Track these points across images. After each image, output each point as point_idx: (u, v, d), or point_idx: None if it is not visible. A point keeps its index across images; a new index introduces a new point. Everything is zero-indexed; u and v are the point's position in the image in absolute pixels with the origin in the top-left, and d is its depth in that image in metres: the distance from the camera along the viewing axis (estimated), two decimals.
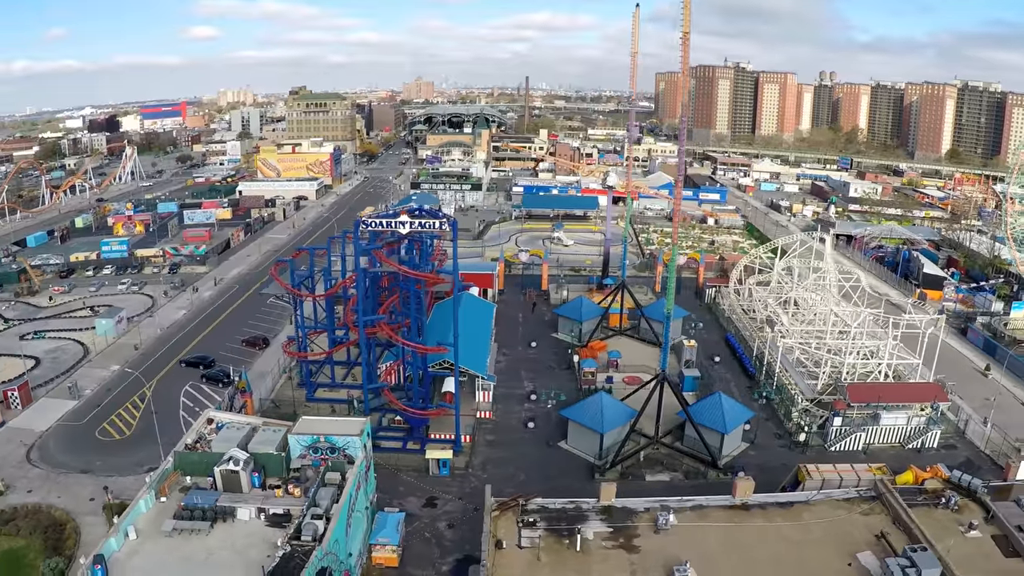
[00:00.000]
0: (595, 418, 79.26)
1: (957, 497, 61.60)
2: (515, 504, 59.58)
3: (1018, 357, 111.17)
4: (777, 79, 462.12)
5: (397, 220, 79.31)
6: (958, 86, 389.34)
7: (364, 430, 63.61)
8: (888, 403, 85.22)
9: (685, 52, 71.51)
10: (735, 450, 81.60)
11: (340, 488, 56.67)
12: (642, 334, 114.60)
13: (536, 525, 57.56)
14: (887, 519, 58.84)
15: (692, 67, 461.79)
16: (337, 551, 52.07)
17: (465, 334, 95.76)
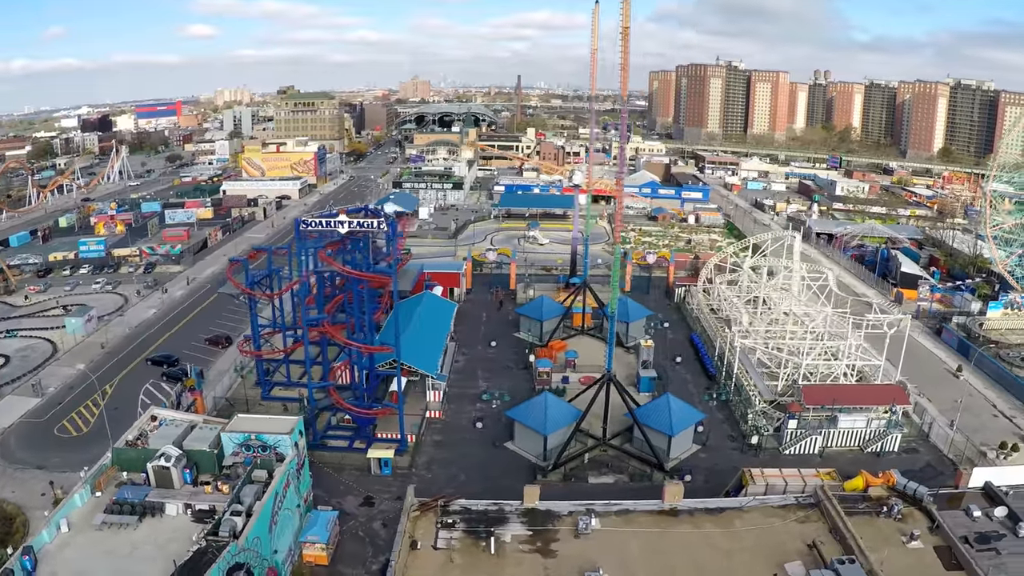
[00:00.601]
0: (538, 419, 78.18)
1: (901, 505, 60.17)
2: (437, 505, 58.90)
3: (989, 358, 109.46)
4: (769, 78, 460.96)
5: (336, 220, 79.56)
6: (951, 84, 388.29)
7: (295, 429, 63.79)
8: (843, 406, 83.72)
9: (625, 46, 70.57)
10: (685, 453, 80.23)
11: (266, 485, 56.74)
12: (604, 334, 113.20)
13: (455, 526, 56.90)
14: (824, 528, 57.47)
15: (684, 66, 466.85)
16: (258, 548, 52.29)
17: (419, 333, 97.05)
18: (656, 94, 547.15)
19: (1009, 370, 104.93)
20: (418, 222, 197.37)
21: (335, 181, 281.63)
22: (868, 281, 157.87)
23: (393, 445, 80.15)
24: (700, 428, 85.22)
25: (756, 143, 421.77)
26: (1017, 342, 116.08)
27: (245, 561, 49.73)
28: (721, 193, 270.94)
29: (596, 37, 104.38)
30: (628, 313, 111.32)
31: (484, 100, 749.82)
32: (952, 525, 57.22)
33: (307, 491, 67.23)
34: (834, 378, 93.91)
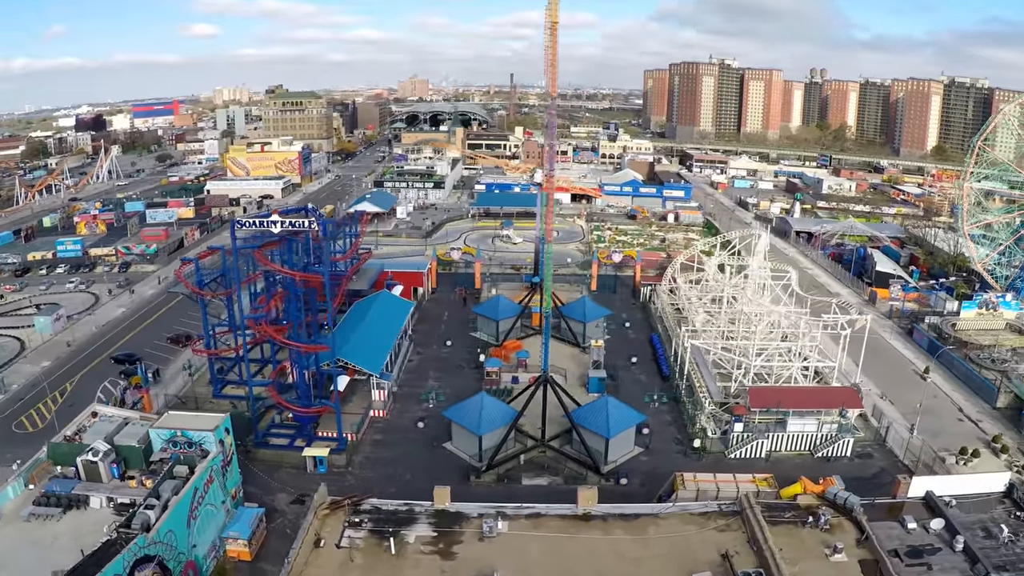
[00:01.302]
0: (473, 419, 77.21)
1: (830, 515, 57.79)
2: (347, 503, 58.41)
3: (958, 359, 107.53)
4: (762, 76, 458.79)
5: (269, 220, 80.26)
6: (944, 82, 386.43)
7: (220, 426, 64.38)
8: (789, 409, 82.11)
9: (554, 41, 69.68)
10: (625, 455, 78.54)
11: (186, 481, 57.48)
12: (562, 334, 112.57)
13: (362, 526, 56.29)
14: (743, 538, 55.57)
15: (677, 64, 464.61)
16: (172, 541, 53.34)
17: (367, 332, 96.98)
18: (651, 93, 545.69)
19: (978, 372, 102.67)
20: (395, 221, 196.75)
21: (320, 180, 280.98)
22: (844, 280, 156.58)
23: (331, 444, 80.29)
24: (646, 430, 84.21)
25: (749, 142, 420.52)
26: (987, 343, 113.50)
27: (156, 554, 50.67)
28: (706, 192, 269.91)
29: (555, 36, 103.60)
30: (585, 313, 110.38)
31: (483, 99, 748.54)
32: (883, 538, 55.07)
33: (236, 487, 67.49)
34: (787, 380, 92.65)
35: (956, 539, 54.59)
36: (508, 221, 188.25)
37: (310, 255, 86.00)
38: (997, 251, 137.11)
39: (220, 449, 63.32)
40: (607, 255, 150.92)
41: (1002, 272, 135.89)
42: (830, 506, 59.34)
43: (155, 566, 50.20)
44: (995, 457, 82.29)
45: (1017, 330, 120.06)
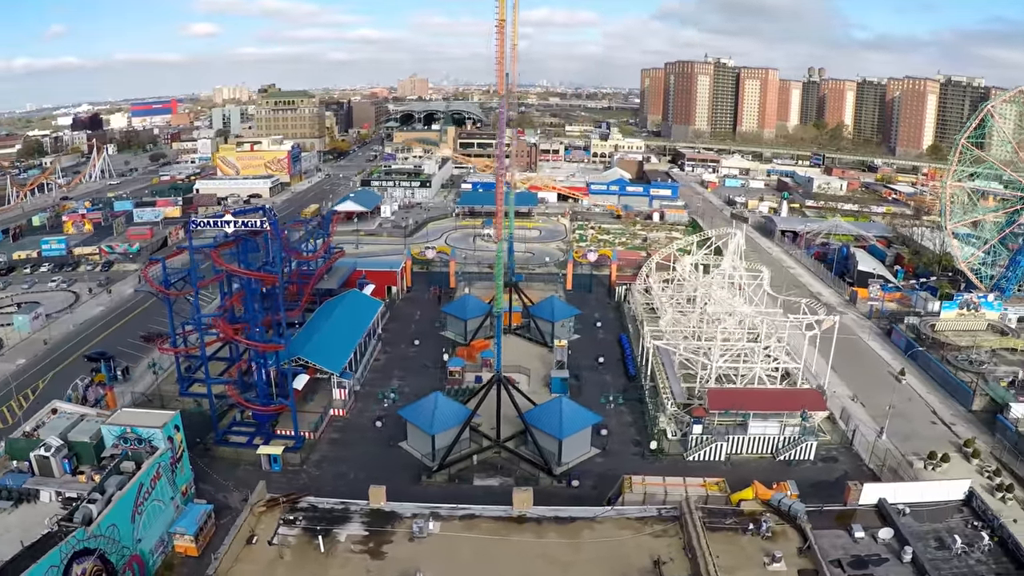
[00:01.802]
0: (426, 419, 76.99)
1: (773, 522, 56.18)
2: (285, 501, 58.33)
3: (935, 361, 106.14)
4: (758, 75, 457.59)
5: (222, 220, 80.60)
6: (941, 81, 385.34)
7: (168, 423, 65.42)
8: (748, 411, 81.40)
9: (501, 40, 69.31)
10: (580, 456, 78.00)
11: (132, 476, 58.61)
12: (531, 334, 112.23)
13: (296, 523, 56.09)
14: (678, 544, 54.21)
15: (672, 63, 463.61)
16: (115, 535, 54.56)
17: (332, 331, 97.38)
18: (648, 92, 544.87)
19: (954, 374, 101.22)
20: (379, 220, 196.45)
21: (310, 179, 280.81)
22: (826, 280, 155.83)
23: (288, 442, 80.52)
24: (604, 432, 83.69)
25: (744, 141, 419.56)
26: (965, 344, 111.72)
27: (97, 547, 51.93)
28: (696, 191, 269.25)
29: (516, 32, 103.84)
30: (553, 312, 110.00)
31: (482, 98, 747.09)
32: (828, 547, 53.63)
33: (187, 484, 68.59)
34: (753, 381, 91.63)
35: (905, 549, 53.08)
36: (489, 220, 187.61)
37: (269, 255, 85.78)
38: (982, 250, 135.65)
39: (169, 446, 64.46)
40: (582, 254, 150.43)
41: (987, 272, 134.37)
42: (774, 512, 57.82)
43: (95, 559, 51.22)
44: (966, 462, 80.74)
45: (999, 331, 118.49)
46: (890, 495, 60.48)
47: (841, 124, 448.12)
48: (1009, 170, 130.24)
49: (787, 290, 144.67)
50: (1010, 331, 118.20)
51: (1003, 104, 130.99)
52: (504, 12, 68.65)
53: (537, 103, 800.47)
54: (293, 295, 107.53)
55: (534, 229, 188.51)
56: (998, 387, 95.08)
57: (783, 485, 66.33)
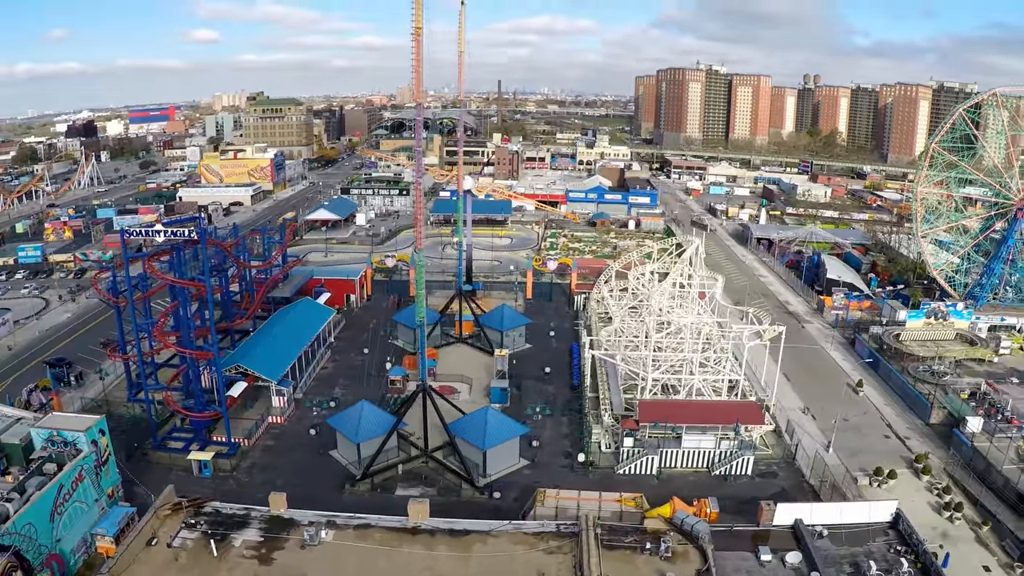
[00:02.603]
0: (352, 427, 77.26)
1: (674, 542, 54.61)
2: (189, 505, 58.85)
3: (895, 372, 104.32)
4: (750, 82, 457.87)
5: (153, 229, 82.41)
6: (933, 87, 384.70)
7: (92, 427, 66.64)
8: (679, 424, 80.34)
9: (417, 48, 69.28)
10: (507, 468, 77.59)
11: (52, 477, 60.04)
12: (482, 343, 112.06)
13: (197, 527, 56.49)
14: (570, 561, 52.77)
15: (663, 70, 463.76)
16: (33, 534, 55.95)
17: (276, 339, 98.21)
18: (641, 99, 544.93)
19: (913, 385, 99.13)
20: (353, 228, 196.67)
21: (294, 187, 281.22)
22: (796, 288, 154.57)
23: (221, 448, 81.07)
24: (536, 443, 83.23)
25: (736, 148, 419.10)
26: (927, 354, 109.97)
27: (12, 544, 53.25)
28: (679, 198, 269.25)
29: (462, 39, 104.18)
30: (503, 321, 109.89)
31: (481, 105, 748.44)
32: (731, 570, 52.28)
33: (113, 487, 69.47)
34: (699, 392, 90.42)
35: None
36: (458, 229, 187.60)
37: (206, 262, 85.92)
38: (957, 256, 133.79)
39: (93, 449, 65.61)
40: (541, 262, 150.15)
41: (962, 280, 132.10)
42: (677, 531, 56.54)
43: (10, 555, 52.48)
44: (915, 478, 79.09)
45: (968, 341, 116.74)
46: (808, 516, 58.90)
47: (835, 131, 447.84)
48: (982, 174, 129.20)
49: (754, 299, 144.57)
50: (979, 341, 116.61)
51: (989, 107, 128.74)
52: (420, 20, 68.51)
53: (535, 111, 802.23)
54: (246, 303, 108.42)
55: (506, 237, 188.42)
56: (955, 399, 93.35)
57: (703, 502, 65.66)
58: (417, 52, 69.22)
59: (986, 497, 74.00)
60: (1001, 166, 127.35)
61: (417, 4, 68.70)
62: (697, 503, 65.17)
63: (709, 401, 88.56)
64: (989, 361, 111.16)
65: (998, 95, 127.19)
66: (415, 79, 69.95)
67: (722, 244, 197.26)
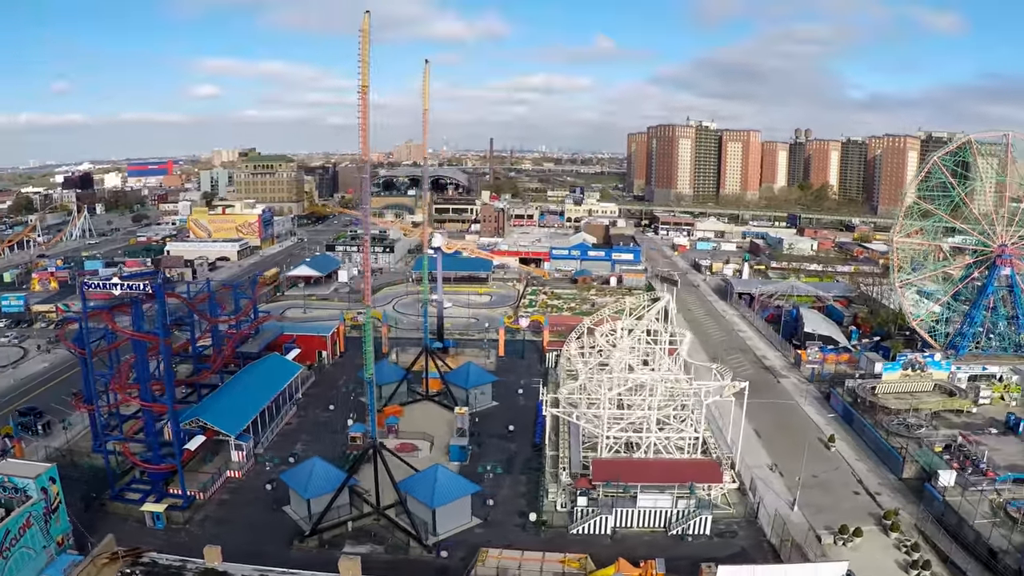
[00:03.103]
0: (302, 482, 77.43)
1: None
2: (126, 555, 59.59)
3: (868, 426, 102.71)
4: (740, 137, 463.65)
5: (109, 282, 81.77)
6: (921, 138, 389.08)
7: (42, 475, 66.70)
8: (632, 483, 79.59)
9: (364, 106, 70.44)
10: (458, 527, 76.87)
11: None
12: (448, 400, 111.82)
13: None
14: None
15: (654, 126, 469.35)
16: None
17: (239, 394, 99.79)
18: (634, 156, 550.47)
19: (886, 439, 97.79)
20: (335, 285, 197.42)
21: (282, 243, 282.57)
22: (774, 342, 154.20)
23: (176, 500, 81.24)
24: (491, 502, 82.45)
25: (727, 203, 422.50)
26: (902, 407, 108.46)
27: None
28: (666, 254, 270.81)
29: (427, 97, 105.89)
30: (468, 379, 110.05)
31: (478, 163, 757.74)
32: None
33: (63, 535, 68.93)
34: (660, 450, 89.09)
35: None
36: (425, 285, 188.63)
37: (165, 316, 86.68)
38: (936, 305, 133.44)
39: (42, 496, 65.63)
40: (513, 320, 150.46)
41: (943, 330, 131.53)
42: None
43: None
44: (883, 535, 77.39)
45: (947, 391, 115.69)
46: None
47: (826, 184, 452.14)
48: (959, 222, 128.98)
49: (731, 354, 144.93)
50: (958, 391, 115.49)
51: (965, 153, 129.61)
52: (367, 78, 69.86)
53: (531, 168, 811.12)
54: (215, 358, 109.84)
55: (486, 294, 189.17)
56: (928, 453, 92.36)
57: (650, 563, 64.77)
58: (364, 109, 70.51)
59: (956, 553, 72.81)
60: (979, 213, 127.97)
61: (364, 64, 70.17)
62: (643, 564, 64.38)
63: (665, 459, 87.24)
64: (968, 412, 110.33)
65: (973, 141, 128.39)
66: (362, 137, 71.00)
67: (704, 299, 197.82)
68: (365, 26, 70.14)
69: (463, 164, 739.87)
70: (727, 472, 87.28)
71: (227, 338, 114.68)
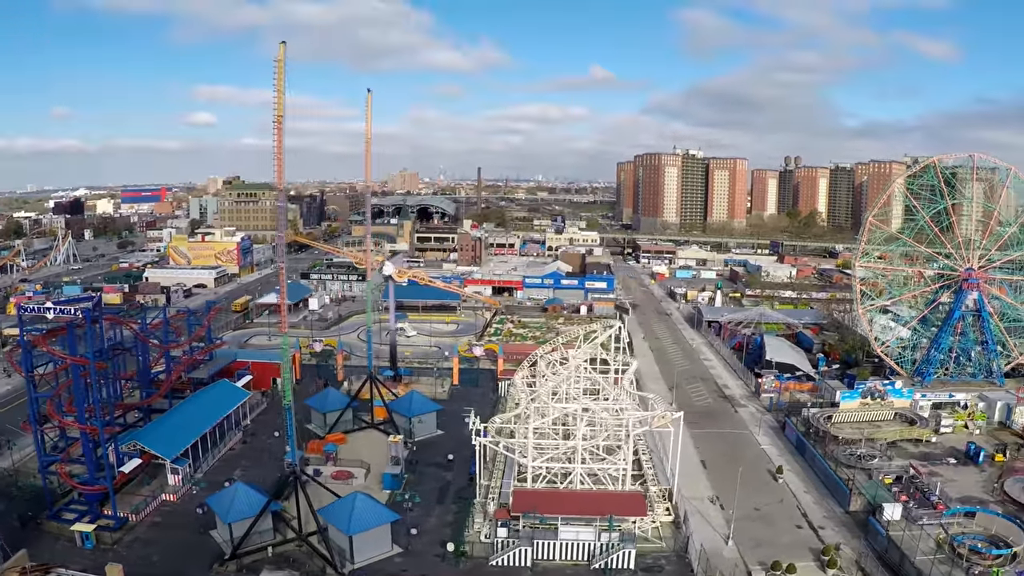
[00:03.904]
0: (225, 507, 78.27)
1: None
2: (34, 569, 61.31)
3: (819, 457, 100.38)
4: (727, 165, 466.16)
5: (44, 308, 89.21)
6: (907, 163, 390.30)
7: None
8: (554, 514, 79.07)
9: (279, 136, 71.41)
10: (378, 555, 76.79)
11: None
12: (391, 429, 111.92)
13: None
14: None
15: (640, 155, 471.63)
16: None
17: (182, 419, 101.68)
18: (623, 185, 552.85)
19: (835, 470, 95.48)
20: (304, 313, 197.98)
21: (261, 271, 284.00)
22: (737, 371, 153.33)
23: (108, 521, 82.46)
24: (414, 531, 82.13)
25: (714, 232, 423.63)
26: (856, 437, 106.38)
27: None
28: (643, 283, 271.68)
29: (369, 127, 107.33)
30: (411, 407, 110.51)
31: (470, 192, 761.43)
32: None
33: None
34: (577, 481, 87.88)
35: None
36: (402, 314, 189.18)
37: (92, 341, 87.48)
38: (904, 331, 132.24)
39: None
40: (467, 348, 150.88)
41: (910, 356, 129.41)
42: None
43: None
44: (820, 572, 75.62)
45: (908, 420, 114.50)
46: None
47: (814, 211, 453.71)
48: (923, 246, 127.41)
49: (691, 382, 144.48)
50: (919, 420, 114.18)
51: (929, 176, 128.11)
52: (282, 108, 70.89)
53: (523, 197, 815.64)
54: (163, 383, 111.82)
55: (452, 323, 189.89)
56: (875, 485, 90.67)
57: None
58: (279, 138, 71.55)
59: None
60: (945, 237, 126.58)
61: (279, 93, 71.39)
62: None
63: (587, 491, 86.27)
64: (927, 441, 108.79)
65: (937, 165, 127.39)
66: (277, 165, 71.98)
67: (674, 328, 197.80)
68: (280, 56, 71.62)
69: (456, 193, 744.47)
70: (662, 504, 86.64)
71: (176, 364, 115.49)
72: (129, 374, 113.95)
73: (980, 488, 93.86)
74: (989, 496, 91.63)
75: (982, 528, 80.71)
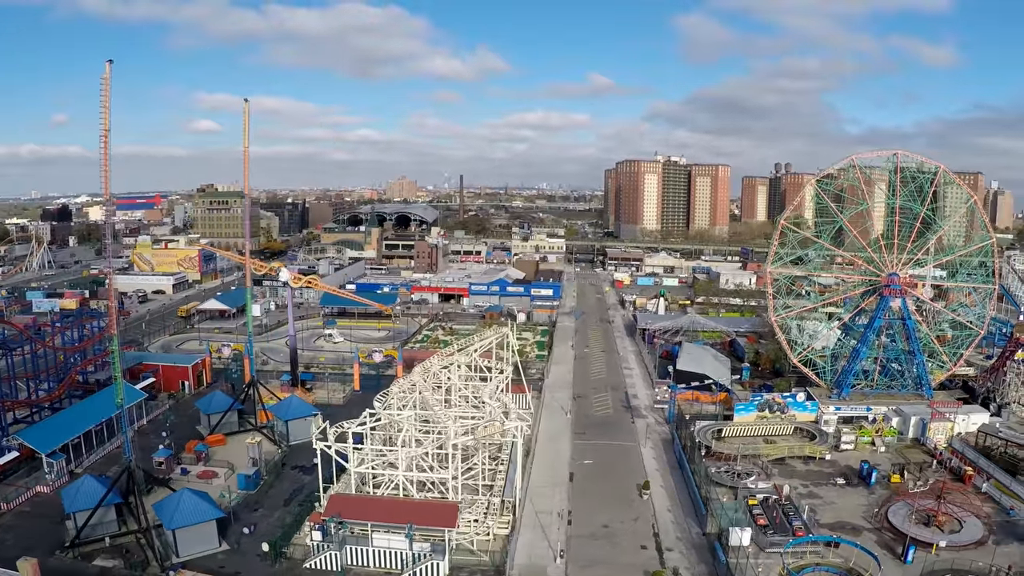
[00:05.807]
0: (71, 498, 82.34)
1: None
2: None
3: (690, 472, 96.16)
4: (709, 171, 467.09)
5: None
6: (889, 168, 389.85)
7: None
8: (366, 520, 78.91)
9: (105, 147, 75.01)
10: (203, 550, 79.31)
11: None
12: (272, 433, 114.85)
13: None
14: None
15: (621, 162, 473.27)
16: None
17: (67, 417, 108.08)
18: (609, 192, 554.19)
19: (701, 489, 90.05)
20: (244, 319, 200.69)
21: (226, 278, 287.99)
22: (652, 381, 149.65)
23: None
24: (246, 530, 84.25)
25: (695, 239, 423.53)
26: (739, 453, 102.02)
27: None
28: (601, 290, 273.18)
29: (246, 136, 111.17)
30: (288, 411, 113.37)
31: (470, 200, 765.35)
32: None
33: None
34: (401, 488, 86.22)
35: None
36: (331, 320, 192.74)
37: None
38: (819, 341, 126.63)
39: None
40: (367, 354, 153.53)
41: (830, 367, 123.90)
42: None
43: None
44: None
45: (809, 435, 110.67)
46: None
47: (800, 217, 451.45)
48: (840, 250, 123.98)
49: (599, 392, 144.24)
50: (819, 435, 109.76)
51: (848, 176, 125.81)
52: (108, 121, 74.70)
53: (520, 205, 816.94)
54: None
55: (384, 330, 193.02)
56: (728, 506, 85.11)
57: None
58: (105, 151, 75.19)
59: None
60: (865, 240, 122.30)
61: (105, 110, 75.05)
62: None
63: (399, 499, 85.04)
64: (820, 458, 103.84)
65: (855, 163, 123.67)
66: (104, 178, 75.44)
67: (609, 336, 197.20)
68: (107, 75, 75.32)
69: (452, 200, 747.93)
70: (503, 517, 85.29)
71: (72, 365, 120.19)
72: (27, 375, 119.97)
73: (860, 513, 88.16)
74: (866, 522, 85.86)
75: (842, 560, 74.71)
